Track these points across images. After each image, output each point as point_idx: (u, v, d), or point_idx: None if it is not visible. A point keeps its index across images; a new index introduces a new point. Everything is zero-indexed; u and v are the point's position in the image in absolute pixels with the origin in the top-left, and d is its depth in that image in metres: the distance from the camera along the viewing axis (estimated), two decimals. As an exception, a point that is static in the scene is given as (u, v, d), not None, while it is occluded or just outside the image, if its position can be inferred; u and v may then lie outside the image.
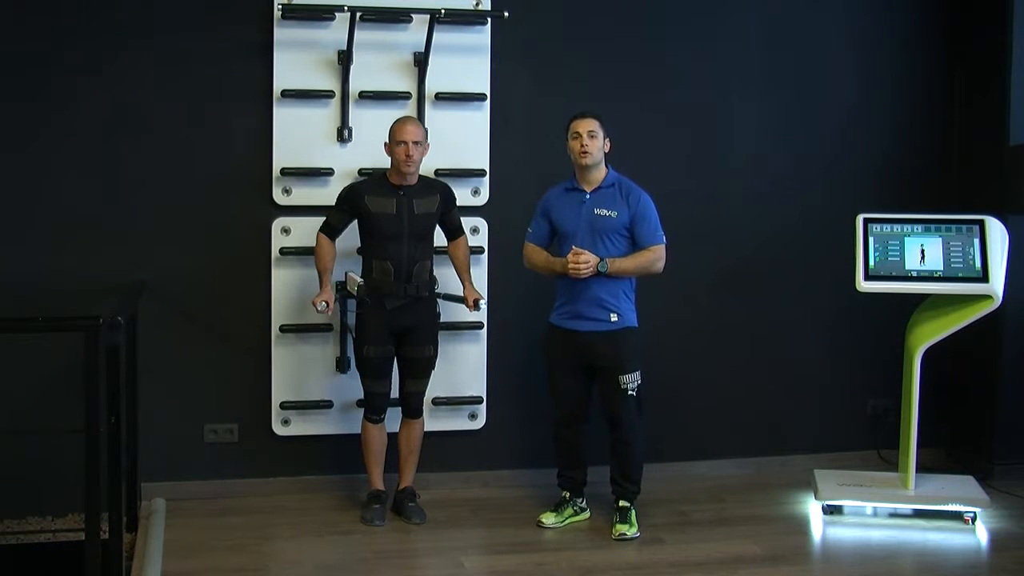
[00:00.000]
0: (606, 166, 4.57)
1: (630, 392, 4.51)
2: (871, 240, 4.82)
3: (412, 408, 4.73)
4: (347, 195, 4.59)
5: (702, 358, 5.44)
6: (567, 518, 4.70)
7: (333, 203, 4.65)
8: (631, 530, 4.53)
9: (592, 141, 4.45)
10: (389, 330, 4.60)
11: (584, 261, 4.40)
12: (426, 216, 4.59)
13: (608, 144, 4.52)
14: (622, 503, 4.59)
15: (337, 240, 4.66)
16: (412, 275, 4.56)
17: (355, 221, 4.61)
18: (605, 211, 4.49)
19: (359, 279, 4.60)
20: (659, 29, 5.30)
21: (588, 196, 4.53)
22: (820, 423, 5.59)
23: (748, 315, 5.46)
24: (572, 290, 4.51)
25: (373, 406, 4.68)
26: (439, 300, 4.75)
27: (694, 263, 5.33)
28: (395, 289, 4.55)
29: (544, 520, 4.67)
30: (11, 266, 4.69)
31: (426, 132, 4.73)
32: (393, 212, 4.53)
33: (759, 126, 5.44)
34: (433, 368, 4.74)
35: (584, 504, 4.76)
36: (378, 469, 4.74)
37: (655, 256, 4.50)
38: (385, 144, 4.56)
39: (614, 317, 4.49)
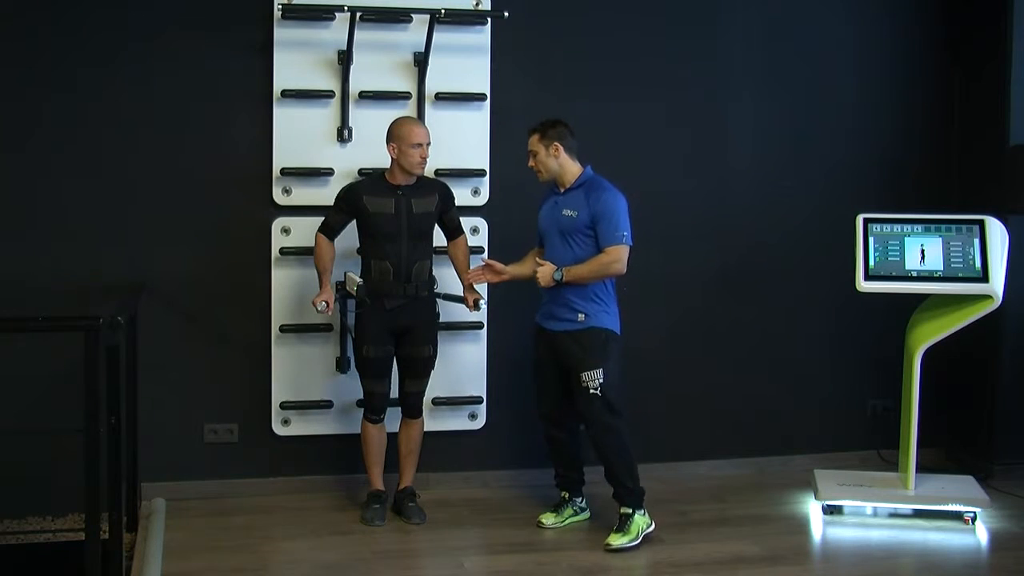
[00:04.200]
0: (582, 165, 4.55)
1: (592, 391, 4.40)
2: (871, 240, 4.82)
3: (412, 408, 4.73)
4: (345, 195, 4.59)
5: (702, 358, 5.44)
6: (567, 518, 4.70)
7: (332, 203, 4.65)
8: (623, 539, 4.41)
9: (536, 160, 4.50)
10: (388, 330, 4.60)
11: (539, 271, 4.46)
12: (425, 216, 4.59)
13: (555, 148, 4.45)
14: (623, 510, 4.48)
15: (336, 240, 4.66)
16: (411, 275, 4.56)
17: (354, 221, 4.62)
18: (569, 211, 4.48)
19: (358, 279, 4.60)
20: (659, 28, 5.30)
21: (560, 197, 4.54)
22: (820, 423, 5.59)
23: (748, 315, 5.46)
24: (549, 290, 4.51)
25: (373, 406, 4.68)
26: (438, 300, 4.75)
27: (694, 263, 5.34)
28: (394, 289, 4.54)
29: (544, 520, 4.66)
30: (11, 266, 4.69)
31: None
32: (392, 212, 4.53)
33: (759, 126, 5.44)
34: (432, 368, 4.75)
35: (584, 504, 4.75)
36: (378, 469, 4.74)
37: (610, 259, 4.40)
38: (390, 145, 4.53)
39: (581, 317, 4.46)
